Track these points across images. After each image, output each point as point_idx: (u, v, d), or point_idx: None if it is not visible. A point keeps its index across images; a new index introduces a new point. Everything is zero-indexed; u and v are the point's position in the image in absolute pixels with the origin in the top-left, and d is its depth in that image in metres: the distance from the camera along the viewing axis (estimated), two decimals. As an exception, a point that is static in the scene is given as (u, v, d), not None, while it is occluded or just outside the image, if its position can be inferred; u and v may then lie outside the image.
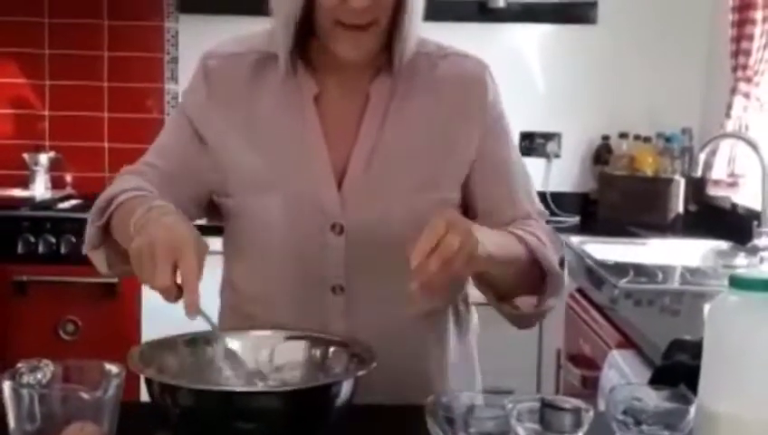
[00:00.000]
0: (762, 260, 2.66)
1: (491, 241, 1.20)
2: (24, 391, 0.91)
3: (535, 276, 1.32)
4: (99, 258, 1.34)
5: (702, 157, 2.86)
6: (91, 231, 1.32)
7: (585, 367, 2.28)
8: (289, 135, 1.37)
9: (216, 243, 1.46)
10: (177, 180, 1.38)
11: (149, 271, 1.10)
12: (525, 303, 1.34)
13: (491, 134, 1.40)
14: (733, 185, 3.05)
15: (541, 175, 3.57)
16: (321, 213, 1.35)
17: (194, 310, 1.10)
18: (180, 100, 1.47)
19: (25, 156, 3.46)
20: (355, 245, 1.34)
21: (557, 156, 3.62)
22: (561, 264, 1.36)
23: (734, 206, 3.08)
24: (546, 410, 0.93)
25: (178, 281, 1.11)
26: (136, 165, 1.41)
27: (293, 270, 1.36)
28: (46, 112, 3.58)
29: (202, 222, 1.43)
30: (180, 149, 1.40)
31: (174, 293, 1.11)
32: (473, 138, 1.39)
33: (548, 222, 1.44)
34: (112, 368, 0.97)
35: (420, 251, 1.10)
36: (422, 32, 1.37)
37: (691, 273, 2.44)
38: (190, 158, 1.39)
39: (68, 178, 3.58)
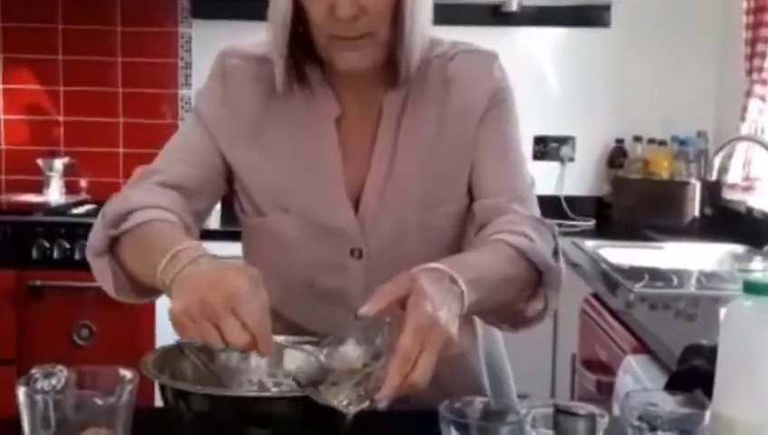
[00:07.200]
0: (778, 264, 2.65)
1: (475, 285, 1.11)
2: (39, 397, 0.91)
3: (532, 275, 1.25)
4: (102, 270, 1.25)
5: (717, 160, 2.85)
6: (100, 236, 1.23)
7: (600, 372, 2.27)
8: (307, 156, 1.31)
9: (232, 248, 1.46)
10: (203, 189, 1.33)
11: (206, 330, 1.01)
12: (531, 308, 1.28)
13: (489, 115, 1.32)
14: (748, 188, 3.04)
15: (555, 179, 3.57)
16: (340, 238, 1.31)
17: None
18: (194, 99, 1.38)
19: (40, 161, 3.49)
20: (374, 269, 1.30)
21: (571, 160, 3.61)
22: (556, 253, 1.29)
23: (750, 209, 3.07)
24: (560, 416, 0.92)
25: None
26: (156, 171, 1.31)
27: (313, 296, 1.32)
28: (61, 118, 3.60)
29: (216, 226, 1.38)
30: (202, 157, 1.33)
31: (251, 345, 1.02)
32: (473, 131, 1.32)
33: (562, 226, 1.41)
34: (126, 373, 0.97)
35: (392, 388, 1.00)
36: (436, 35, 1.33)
37: (707, 277, 2.42)
38: (213, 163, 1.33)
39: (83, 183, 3.60)
